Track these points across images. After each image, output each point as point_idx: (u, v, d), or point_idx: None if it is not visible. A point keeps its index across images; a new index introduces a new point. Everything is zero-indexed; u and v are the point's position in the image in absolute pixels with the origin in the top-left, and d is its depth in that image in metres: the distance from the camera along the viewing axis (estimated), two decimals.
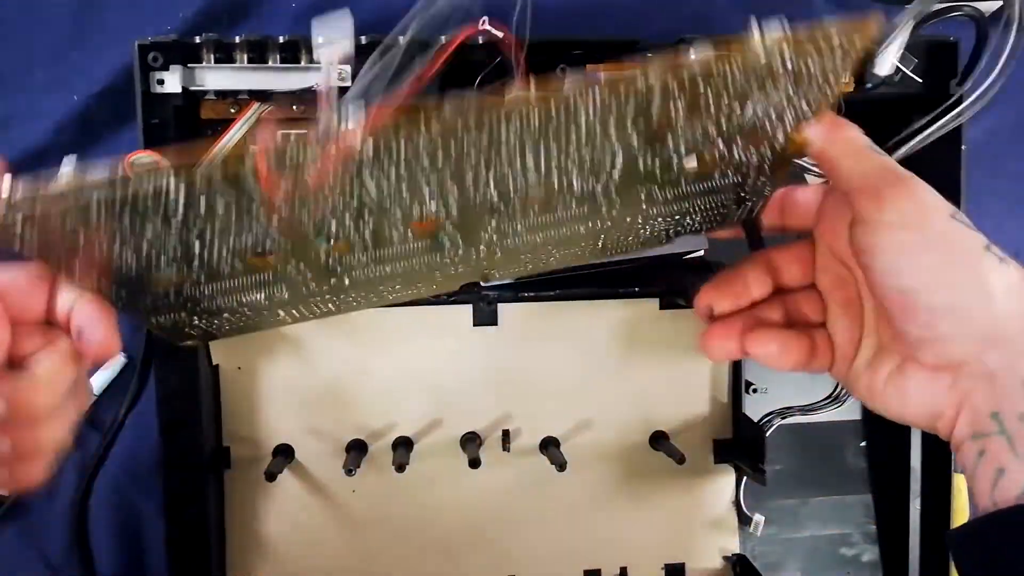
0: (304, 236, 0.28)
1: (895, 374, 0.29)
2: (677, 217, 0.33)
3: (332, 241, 0.28)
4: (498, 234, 0.30)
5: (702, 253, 0.42)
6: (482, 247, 0.31)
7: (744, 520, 0.50)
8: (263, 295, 0.31)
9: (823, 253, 0.32)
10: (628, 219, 0.32)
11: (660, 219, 0.32)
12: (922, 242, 0.26)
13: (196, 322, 0.33)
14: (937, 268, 0.26)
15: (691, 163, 0.28)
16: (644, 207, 0.31)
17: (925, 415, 0.28)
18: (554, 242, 0.32)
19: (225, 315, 0.33)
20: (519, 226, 0.30)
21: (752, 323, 0.33)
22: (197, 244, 0.27)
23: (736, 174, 0.30)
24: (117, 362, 0.47)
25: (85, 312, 0.28)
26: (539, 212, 0.29)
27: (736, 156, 0.28)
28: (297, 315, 0.35)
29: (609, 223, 0.31)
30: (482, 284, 0.35)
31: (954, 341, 0.26)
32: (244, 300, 0.32)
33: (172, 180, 0.23)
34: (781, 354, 0.32)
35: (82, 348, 0.28)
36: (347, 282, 0.31)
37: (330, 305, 0.34)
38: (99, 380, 0.47)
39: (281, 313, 0.34)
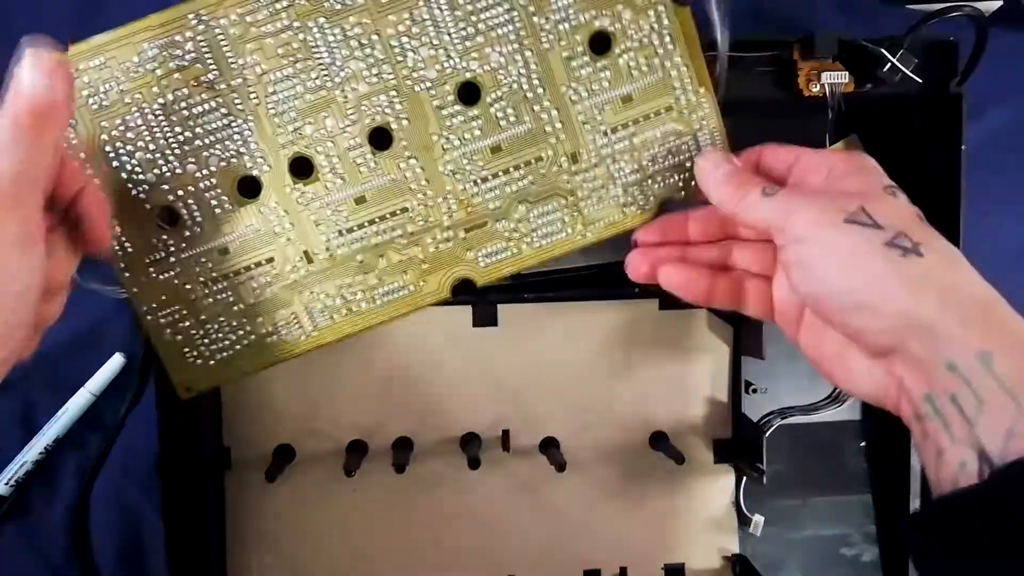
0: (276, 146, 0.32)
1: (841, 351, 0.30)
2: (623, 134, 0.34)
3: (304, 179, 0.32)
4: (448, 142, 0.33)
5: None
6: (441, 168, 0.33)
7: (744, 520, 0.50)
8: (252, 262, 0.33)
9: None
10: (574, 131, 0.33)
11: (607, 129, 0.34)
12: (818, 252, 0.28)
13: (191, 324, 0.33)
14: (837, 273, 0.27)
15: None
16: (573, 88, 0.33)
17: (871, 394, 0.29)
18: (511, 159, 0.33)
19: (221, 319, 0.33)
20: (468, 130, 0.33)
21: (676, 254, 0.34)
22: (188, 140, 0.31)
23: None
24: (117, 362, 0.47)
25: (91, 201, 0.29)
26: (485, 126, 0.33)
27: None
28: (291, 329, 0.34)
29: (556, 120, 0.33)
30: (478, 287, 0.35)
31: (873, 334, 0.27)
32: (236, 271, 0.33)
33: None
34: (685, 287, 0.33)
35: (79, 237, 0.29)
36: (326, 242, 0.33)
37: (319, 304, 0.34)
38: (99, 380, 0.47)
39: (274, 322, 0.34)
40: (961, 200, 0.44)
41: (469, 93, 0.33)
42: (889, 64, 0.42)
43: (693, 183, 0.34)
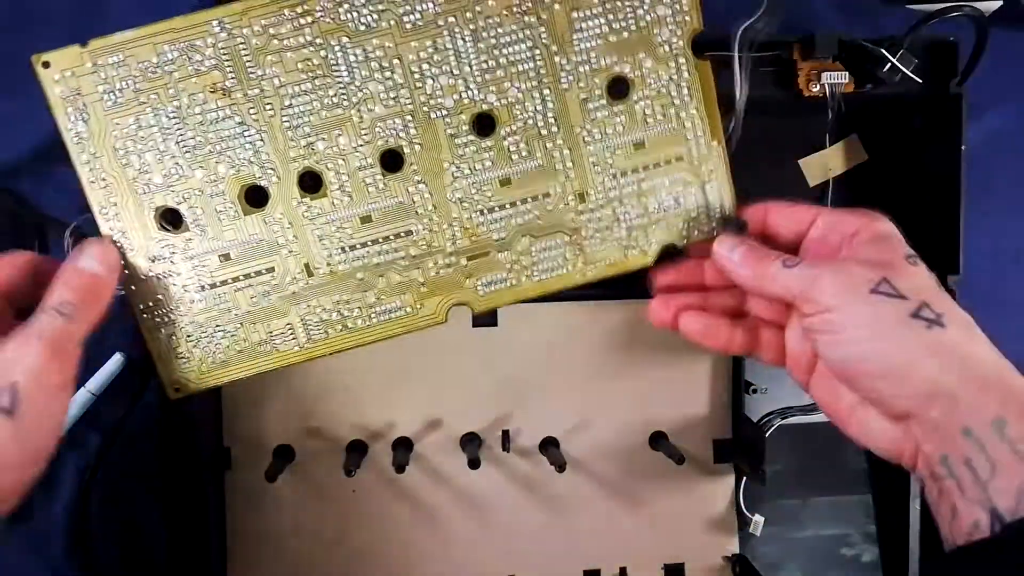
0: (287, 159, 0.32)
1: (855, 407, 0.31)
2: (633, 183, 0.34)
3: (311, 194, 0.33)
4: (459, 171, 0.33)
5: None
6: (449, 195, 0.33)
7: (744, 520, 0.50)
8: (253, 271, 0.33)
9: None
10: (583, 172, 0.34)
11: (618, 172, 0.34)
12: (846, 321, 0.29)
13: (186, 326, 0.33)
14: (864, 341, 0.29)
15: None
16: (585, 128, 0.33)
17: (887, 451, 0.30)
18: (520, 192, 0.33)
19: (216, 323, 0.33)
20: (479, 164, 0.33)
21: (695, 302, 0.34)
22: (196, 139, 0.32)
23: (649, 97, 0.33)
24: (117, 362, 0.47)
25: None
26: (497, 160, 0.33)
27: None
28: (285, 339, 0.34)
29: (567, 161, 0.33)
30: (475, 312, 0.35)
31: (895, 399, 0.29)
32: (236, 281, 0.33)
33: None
34: (704, 335, 0.34)
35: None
36: (329, 256, 0.33)
37: (315, 317, 0.34)
38: (99, 380, 0.47)
39: (269, 331, 0.34)
40: (961, 200, 0.44)
41: (484, 124, 0.33)
42: (889, 64, 0.42)
43: (696, 232, 0.34)
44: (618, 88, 0.33)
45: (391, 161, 0.33)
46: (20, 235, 0.45)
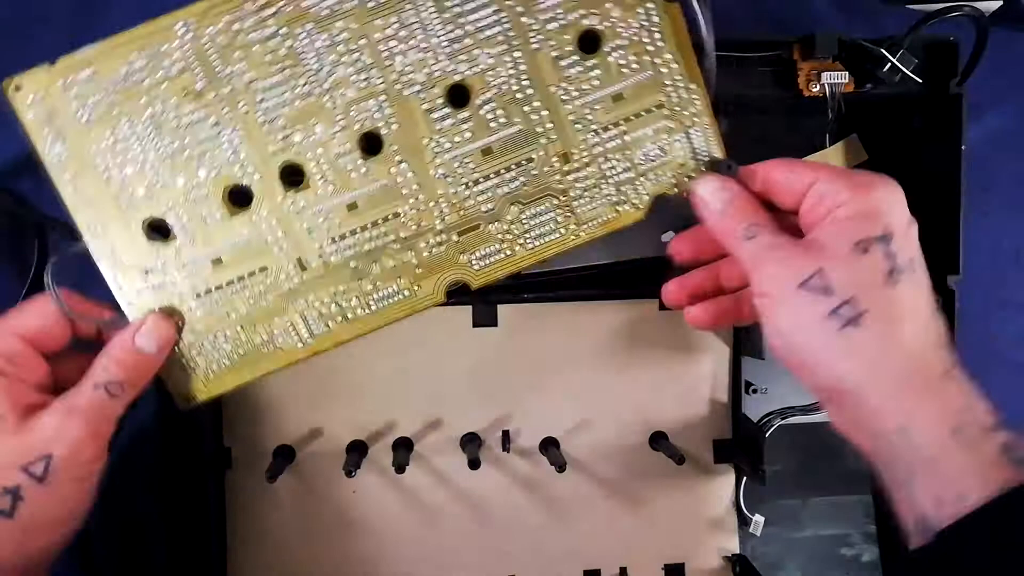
0: (266, 155, 0.32)
1: None
2: (613, 127, 0.33)
3: (297, 186, 0.33)
4: (438, 145, 0.33)
5: None
6: (432, 172, 0.33)
7: (744, 520, 0.50)
8: (243, 270, 0.33)
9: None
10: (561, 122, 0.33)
11: (598, 126, 0.33)
12: (772, 308, 0.30)
13: (187, 335, 0.33)
14: (785, 331, 0.29)
15: None
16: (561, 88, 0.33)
17: (843, 434, 0.31)
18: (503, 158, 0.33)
19: (217, 329, 0.33)
20: (456, 139, 0.33)
21: (707, 281, 0.35)
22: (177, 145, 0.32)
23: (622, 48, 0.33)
24: None
25: None
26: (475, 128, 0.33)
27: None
28: (287, 337, 0.34)
29: (546, 120, 0.33)
30: (472, 289, 0.34)
31: (814, 391, 0.30)
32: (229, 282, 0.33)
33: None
34: (712, 324, 0.35)
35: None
36: (317, 246, 0.33)
37: (312, 312, 0.34)
38: None
39: (270, 331, 0.34)
40: (961, 200, 0.44)
41: (458, 96, 0.32)
42: (889, 64, 0.42)
43: (686, 179, 0.34)
44: (589, 42, 0.33)
45: (370, 144, 0.33)
46: (20, 235, 0.45)
